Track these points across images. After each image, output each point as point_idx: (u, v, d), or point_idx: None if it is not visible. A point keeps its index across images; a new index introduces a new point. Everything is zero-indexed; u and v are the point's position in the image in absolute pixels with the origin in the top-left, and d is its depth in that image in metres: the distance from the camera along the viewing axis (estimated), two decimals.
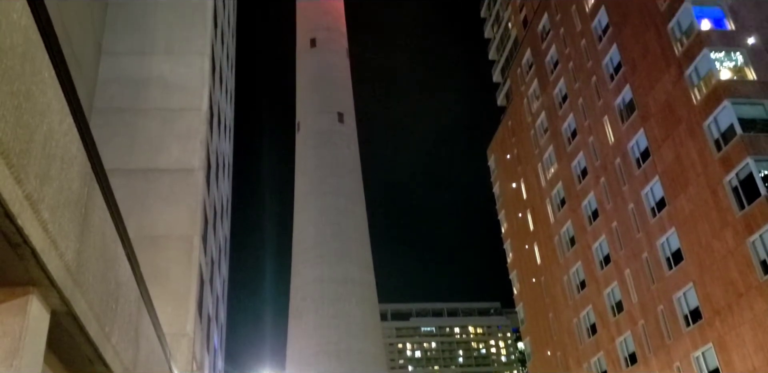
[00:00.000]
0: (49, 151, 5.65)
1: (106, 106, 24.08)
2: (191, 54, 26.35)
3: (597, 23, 51.06)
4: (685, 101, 39.85)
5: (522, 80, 67.44)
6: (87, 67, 23.18)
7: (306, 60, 72.46)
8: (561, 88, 57.63)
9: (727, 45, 38.93)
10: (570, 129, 55.85)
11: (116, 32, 25.80)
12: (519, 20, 69.81)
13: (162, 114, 24.68)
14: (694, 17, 39.84)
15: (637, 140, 45.16)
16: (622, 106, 47.37)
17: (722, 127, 36.91)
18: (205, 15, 27.42)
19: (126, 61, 25.35)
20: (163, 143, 23.91)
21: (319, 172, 64.28)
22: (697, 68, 39.16)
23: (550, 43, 59.90)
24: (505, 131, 72.34)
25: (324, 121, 67.29)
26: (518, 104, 68.35)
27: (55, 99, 5.94)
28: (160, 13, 26.95)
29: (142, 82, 25.14)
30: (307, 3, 76.14)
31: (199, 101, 25.51)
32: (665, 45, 42.02)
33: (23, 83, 5.14)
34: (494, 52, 78.94)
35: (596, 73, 51.00)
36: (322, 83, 69.90)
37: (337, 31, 74.46)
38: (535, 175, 62.92)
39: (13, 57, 5.03)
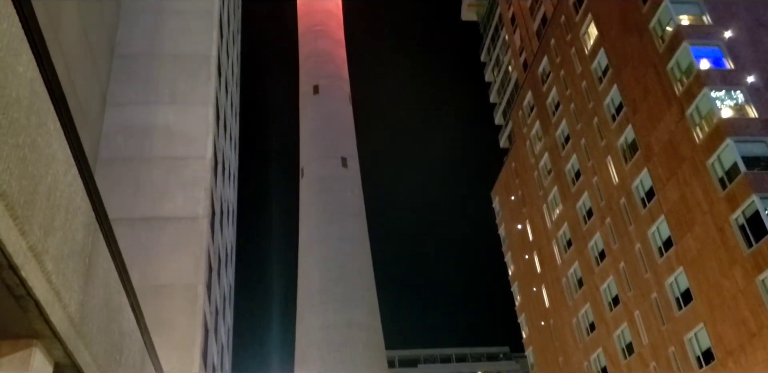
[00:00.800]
0: (54, 201, 5.65)
1: (111, 156, 24.23)
2: (196, 104, 26.63)
3: (597, 65, 51.61)
4: (687, 140, 39.99)
5: (524, 122, 67.88)
6: (92, 117, 23.42)
7: (309, 106, 73.14)
8: (563, 130, 57.94)
9: (727, 84, 39.25)
10: (574, 170, 55.94)
11: (121, 83, 26.14)
12: (519, 63, 70.63)
13: (166, 163, 24.81)
14: (693, 57, 40.28)
15: (642, 180, 45.17)
16: (624, 146, 47.53)
17: (726, 166, 36.94)
18: (210, 66, 27.81)
19: (131, 111, 25.61)
20: (167, 192, 23.97)
21: (323, 217, 64.21)
22: (698, 107, 39.41)
23: (551, 85, 60.48)
24: (508, 173, 72.48)
25: (327, 166, 67.55)
26: (521, 146, 68.65)
27: (60, 150, 5.98)
28: (166, 64, 27.34)
29: (147, 131, 25.35)
30: (310, 52, 77.23)
31: (204, 150, 25.67)
32: (665, 85, 42.39)
33: (29, 135, 5.19)
34: (495, 95, 79.65)
35: (598, 114, 51.33)
36: (325, 129, 70.41)
37: (340, 78, 75.31)
38: (541, 217, 62.77)
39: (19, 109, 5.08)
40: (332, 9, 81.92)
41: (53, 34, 18.10)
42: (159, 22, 28.36)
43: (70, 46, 20.31)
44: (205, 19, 29.31)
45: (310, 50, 77.56)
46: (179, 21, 28.79)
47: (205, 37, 28.69)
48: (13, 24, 5.26)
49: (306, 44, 78.68)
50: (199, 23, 29.04)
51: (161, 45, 27.96)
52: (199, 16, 29.27)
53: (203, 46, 28.33)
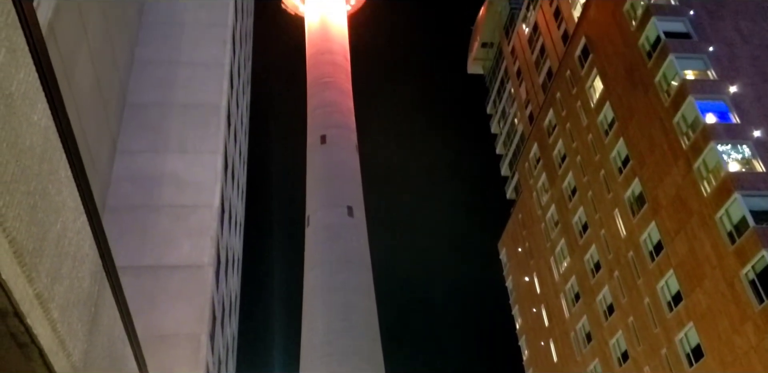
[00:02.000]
0: (62, 249, 5.64)
1: (119, 204, 24.30)
2: (205, 152, 26.83)
3: (603, 118, 51.99)
4: (695, 194, 39.93)
5: (530, 174, 68.04)
6: (101, 165, 23.59)
7: (316, 156, 73.63)
8: (570, 182, 58.01)
9: (733, 138, 39.41)
10: (581, 222, 55.76)
11: (131, 132, 26.42)
12: (525, 116, 71.23)
13: (174, 210, 24.85)
14: (699, 111, 40.57)
15: (649, 233, 44.93)
16: (632, 199, 47.46)
17: (734, 220, 36.78)
18: (219, 115, 28.14)
19: (140, 159, 25.80)
20: (174, 240, 23.94)
21: (328, 266, 63.88)
22: (705, 161, 39.49)
23: (557, 137, 60.83)
24: (515, 224, 72.27)
25: (333, 215, 67.54)
26: (527, 197, 68.65)
27: (70, 198, 5.99)
28: (176, 113, 27.68)
29: (155, 179, 25.48)
30: (318, 102, 78.18)
31: (211, 198, 25.74)
32: (672, 139, 42.58)
33: (40, 183, 5.21)
34: (501, 147, 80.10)
35: (604, 167, 51.45)
36: (331, 178, 70.68)
37: (347, 128, 76.02)
38: (548, 269, 62.29)
39: (32, 157, 5.11)
40: (340, 62, 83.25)
41: (67, 82, 18.39)
42: (171, 73, 28.82)
43: (82, 95, 20.61)
44: (216, 69, 29.79)
45: (317, 101, 78.54)
46: (191, 71, 29.26)
47: (216, 87, 29.11)
48: (30, 73, 5.34)
49: (314, 95, 79.72)
50: (210, 74, 29.50)
51: (172, 94, 28.35)
52: (210, 67, 29.76)
53: (214, 96, 28.72)
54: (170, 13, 31.11)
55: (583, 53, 55.72)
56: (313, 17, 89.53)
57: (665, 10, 46.84)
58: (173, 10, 31.17)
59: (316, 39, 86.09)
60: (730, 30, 46.05)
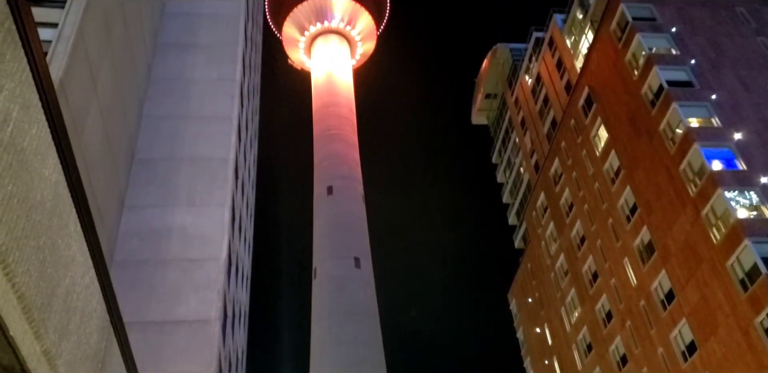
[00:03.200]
0: (70, 304, 5.59)
1: (126, 259, 24.26)
2: (212, 205, 26.91)
3: (608, 166, 52.09)
4: (704, 241, 39.65)
5: (538, 223, 67.81)
6: (109, 219, 23.63)
7: (323, 207, 73.71)
8: (578, 230, 57.74)
9: (740, 185, 39.34)
10: (591, 271, 55.27)
11: (139, 187, 26.56)
12: (530, 165, 71.44)
13: (181, 264, 24.78)
14: (705, 159, 40.62)
15: (660, 282, 44.45)
16: (641, 248, 47.12)
17: (746, 267, 36.39)
18: (227, 169, 28.32)
19: (148, 213, 25.87)
20: (181, 294, 23.80)
21: (335, 318, 63.21)
22: (714, 208, 39.34)
23: (564, 186, 60.85)
24: (524, 274, 71.67)
25: (340, 266, 67.20)
26: (536, 247, 68.25)
27: (79, 252, 5.98)
28: (184, 167, 27.87)
29: (163, 233, 25.48)
30: (324, 154, 78.71)
31: (219, 251, 25.69)
32: (678, 186, 42.54)
33: (49, 237, 5.20)
34: (508, 196, 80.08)
35: (612, 215, 51.28)
36: (338, 229, 70.57)
37: (354, 179, 76.33)
38: (559, 320, 61.46)
39: (42, 212, 5.12)
40: (346, 114, 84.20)
41: (77, 138, 18.60)
42: (179, 127, 29.16)
43: (91, 150, 20.80)
44: (225, 123, 30.14)
45: (324, 153, 79.09)
46: (199, 125, 29.61)
47: (224, 140, 29.40)
48: (42, 129, 5.40)
49: (320, 147, 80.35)
50: (219, 128, 29.84)
51: (180, 149, 28.61)
52: (218, 121, 30.12)
53: (222, 149, 28.97)
54: (179, 68, 31.67)
55: (587, 103, 56.22)
56: (319, 71, 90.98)
57: (666, 60, 47.43)
58: (182, 66, 31.75)
59: (322, 92, 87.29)
60: (732, 78, 46.52)
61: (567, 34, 63.85)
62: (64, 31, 19.21)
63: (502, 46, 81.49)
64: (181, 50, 32.79)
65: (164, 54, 32.42)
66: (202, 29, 34.31)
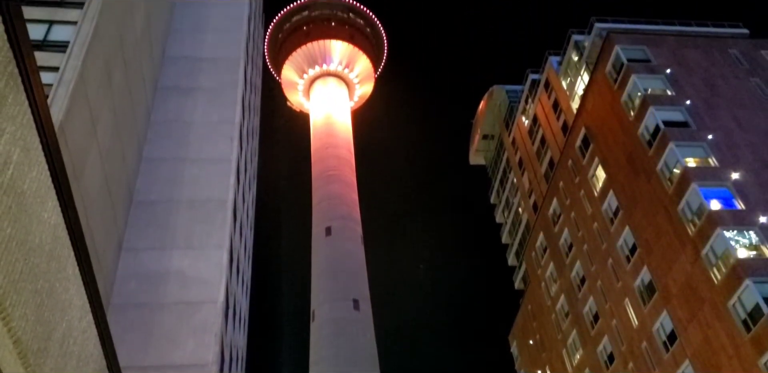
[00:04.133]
0: (67, 349, 5.51)
1: (124, 302, 24.06)
2: (210, 248, 26.82)
3: (607, 206, 52.08)
4: (705, 281, 39.42)
5: (537, 264, 67.48)
6: (107, 262, 23.49)
7: (321, 248, 73.43)
8: (578, 271, 57.43)
9: (739, 224, 39.28)
10: (591, 312, 54.79)
11: (138, 229, 26.50)
12: (529, 205, 71.42)
13: (179, 308, 24.56)
14: (703, 198, 40.64)
15: (662, 322, 44.02)
16: (642, 288, 46.80)
17: (748, 307, 36.09)
18: (226, 211, 28.30)
19: (146, 256, 25.75)
20: (178, 338, 23.53)
21: (334, 362, 62.38)
22: (713, 248, 39.21)
23: (562, 226, 60.74)
24: (525, 316, 71.01)
25: (339, 309, 66.60)
26: (536, 287, 67.78)
27: (76, 296, 5.92)
28: (182, 210, 27.86)
29: (161, 276, 25.33)
30: (323, 195, 78.75)
31: (216, 294, 25.50)
32: (677, 226, 42.47)
33: (47, 281, 5.16)
34: (507, 236, 79.82)
35: (612, 255, 51.07)
36: (336, 271, 70.17)
37: (352, 219, 76.23)
38: (561, 362, 60.66)
39: (41, 255, 5.09)
40: (344, 155, 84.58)
41: (76, 181, 18.61)
42: (178, 169, 29.24)
43: (90, 193, 20.80)
44: (224, 165, 30.23)
45: (322, 193, 79.17)
46: (198, 168, 29.69)
47: (223, 182, 29.45)
48: (42, 171, 5.40)
49: (319, 188, 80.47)
50: (218, 170, 29.92)
51: (179, 191, 28.64)
52: (217, 163, 30.22)
53: (220, 191, 29.00)
54: (179, 111, 31.93)
55: (584, 143, 56.54)
56: (318, 113, 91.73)
57: (662, 100, 47.87)
58: (182, 109, 32.01)
59: (321, 134, 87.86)
60: (727, 118, 46.90)
61: (563, 76, 64.57)
62: (66, 75, 19.41)
63: (499, 87, 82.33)
64: (181, 93, 33.11)
65: (164, 97, 32.72)
66: (202, 73, 34.70)
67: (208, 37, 38.46)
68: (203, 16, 40.76)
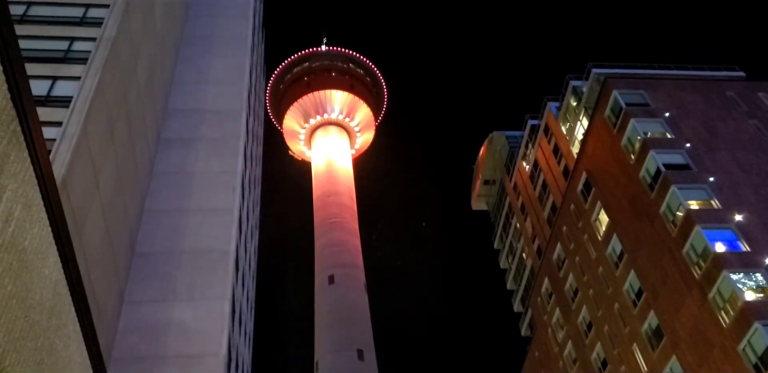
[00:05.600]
0: None
1: (125, 356, 23.74)
2: (212, 299, 26.60)
3: (611, 250, 51.80)
4: (714, 324, 38.91)
5: (543, 309, 66.77)
6: (107, 316, 23.27)
7: (324, 297, 72.79)
8: (584, 316, 56.77)
9: (745, 266, 38.97)
10: (600, 359, 53.94)
11: (139, 281, 26.34)
12: (533, 250, 71.05)
13: (180, 361, 24.22)
14: (708, 241, 40.42)
15: (671, 368, 43.28)
16: (649, 333, 46.17)
17: (758, 350, 35.54)
18: (228, 261, 28.18)
19: (147, 309, 25.52)
20: None
21: None
22: (720, 290, 38.83)
23: (567, 271, 60.31)
24: (532, 363, 69.88)
25: (343, 359, 65.63)
26: (543, 334, 66.91)
27: (77, 353, 5.83)
28: (184, 260, 27.74)
29: (162, 329, 25.05)
30: (325, 243, 78.49)
31: (218, 346, 25.18)
32: (683, 269, 42.15)
33: (47, 338, 5.09)
34: (512, 282, 79.21)
35: (618, 300, 50.54)
36: (340, 320, 69.41)
37: (355, 267, 75.78)
38: None
39: (41, 311, 5.04)
40: (346, 202, 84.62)
41: (77, 235, 18.57)
42: (180, 220, 29.22)
43: (92, 247, 20.73)
44: (226, 215, 30.22)
45: (325, 241, 78.91)
46: (200, 218, 29.68)
47: (225, 233, 29.39)
48: (44, 228, 5.38)
49: (321, 236, 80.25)
50: (220, 220, 29.89)
51: (181, 242, 28.56)
52: (219, 213, 30.21)
53: (222, 241, 28.92)
54: (181, 162, 32.09)
55: (586, 187, 56.58)
56: (319, 161, 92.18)
57: (662, 144, 48.08)
58: (184, 160, 32.17)
59: (323, 181, 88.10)
60: (728, 160, 47.03)
61: (562, 121, 65.05)
62: (69, 130, 19.58)
63: (498, 133, 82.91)
64: (184, 145, 33.33)
65: (167, 149, 32.93)
66: (204, 124, 35.01)
67: (210, 88, 38.91)
68: (205, 68, 41.32)
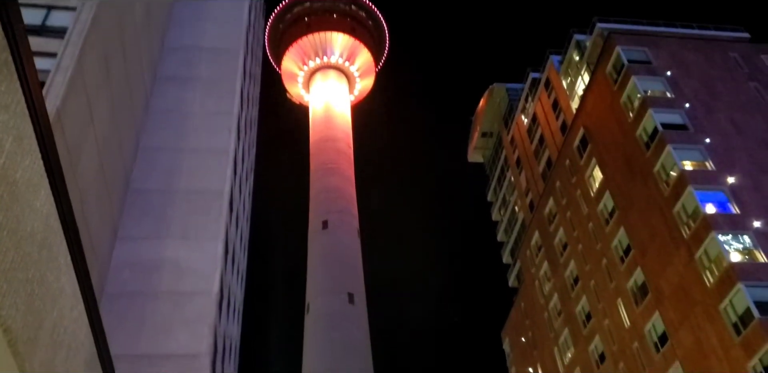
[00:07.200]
0: (57, 338, 5.52)
1: (117, 291, 24.06)
2: (206, 239, 26.81)
3: (603, 207, 52.15)
4: (698, 284, 39.52)
5: (532, 262, 67.60)
6: (101, 251, 23.49)
7: (317, 241, 73.38)
8: (572, 271, 57.53)
9: (733, 228, 39.36)
10: (584, 312, 54.92)
11: (134, 218, 26.48)
12: (525, 204, 71.48)
13: (173, 298, 24.57)
14: (699, 202, 40.70)
15: (654, 323, 44.15)
16: (635, 289, 46.91)
17: (739, 311, 36.21)
18: (222, 202, 28.28)
19: (141, 245, 25.74)
20: (171, 328, 23.55)
21: (327, 355, 62.45)
22: (707, 251, 39.30)
23: (558, 226, 60.82)
24: (518, 314, 71.16)
25: (334, 302, 66.59)
26: (530, 286, 67.91)
27: (68, 285, 5.93)
28: (179, 200, 27.84)
29: (155, 266, 25.33)
30: (320, 188, 78.70)
31: (211, 285, 25.51)
32: (672, 228, 42.55)
33: (38, 270, 5.17)
34: (502, 234, 79.96)
35: (606, 256, 51.16)
36: (332, 265, 70.14)
37: (349, 213, 76.16)
38: (552, 360, 60.83)
39: (32, 244, 5.10)
40: (343, 149, 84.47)
41: (71, 169, 18.59)
42: (175, 159, 29.21)
43: (86, 181, 20.77)
44: (221, 156, 30.20)
45: (320, 187, 79.08)
46: (195, 158, 29.66)
47: (220, 173, 29.42)
48: (36, 160, 5.40)
49: (317, 181, 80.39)
50: (215, 160, 29.89)
51: (176, 181, 28.61)
52: (215, 154, 30.18)
53: (217, 182, 28.97)
54: (177, 101, 31.87)
55: (582, 143, 56.56)
56: (318, 106, 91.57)
57: (661, 103, 47.87)
58: (180, 99, 31.95)
59: (320, 126, 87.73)
60: (725, 122, 46.92)
61: (563, 75, 64.54)
62: (63, 62, 19.36)
63: (499, 85, 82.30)
64: (180, 83, 33.03)
65: (163, 87, 32.65)
66: (202, 63, 34.62)
67: (208, 27, 38.34)
68: (204, 5, 40.64)
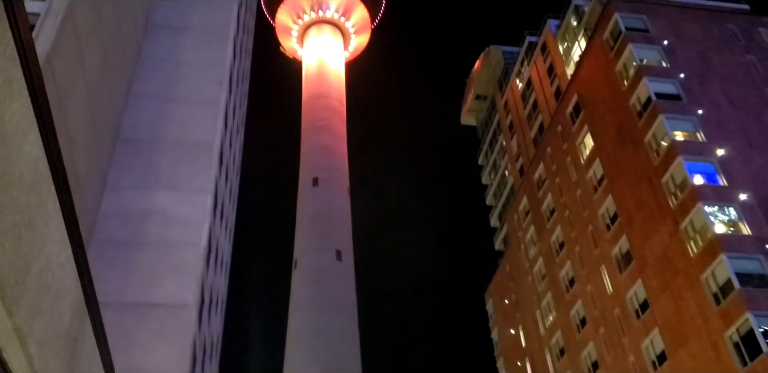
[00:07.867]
0: (45, 282, 5.53)
1: (105, 238, 24.08)
2: (195, 191, 26.74)
3: (592, 174, 52.33)
4: (682, 253, 39.97)
5: (519, 226, 68.08)
6: (90, 199, 23.44)
7: (307, 198, 73.44)
8: (558, 236, 58.01)
9: (720, 200, 39.65)
10: (568, 277, 55.56)
11: (122, 167, 26.34)
12: (515, 169, 71.65)
13: (160, 248, 24.63)
14: (687, 172, 40.89)
15: (636, 291, 44.76)
16: (619, 256, 47.41)
17: (720, 281, 36.72)
18: (212, 154, 28.14)
19: (129, 195, 25.68)
20: (158, 277, 23.67)
21: (313, 310, 63.08)
22: (693, 221, 39.64)
23: (546, 191, 61.09)
24: (503, 276, 71.96)
25: (322, 258, 66.98)
26: (516, 249, 68.53)
27: (56, 230, 5.91)
28: (168, 150, 27.67)
29: (143, 215, 25.31)
30: (311, 145, 78.45)
31: (198, 236, 25.56)
32: (660, 198, 42.81)
33: (26, 214, 5.14)
34: (491, 198, 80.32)
35: (592, 223, 51.55)
36: (321, 221, 70.32)
37: (340, 171, 76.09)
38: (534, 323, 61.78)
39: (20, 188, 5.06)
40: (336, 106, 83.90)
41: (61, 114, 18.42)
42: (166, 109, 28.94)
43: (75, 128, 20.62)
44: (212, 108, 29.94)
45: (311, 144, 78.80)
46: (186, 109, 29.39)
47: (210, 125, 29.21)
48: (25, 104, 5.33)
49: (308, 138, 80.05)
50: (205, 112, 29.64)
51: (166, 131, 28.40)
52: (205, 105, 29.92)
53: (207, 134, 28.79)
54: (169, 49, 31.43)
55: (575, 110, 56.44)
56: (311, 61, 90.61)
57: (656, 72, 47.67)
58: (172, 47, 31.50)
59: (313, 83, 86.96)
60: (719, 94, 46.84)
61: (560, 40, 64.01)
62: (54, 5, 18.99)
63: (495, 48, 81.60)
64: (172, 32, 32.52)
65: (155, 34, 32.15)
66: (195, 12, 34.05)
67: None
68: None
